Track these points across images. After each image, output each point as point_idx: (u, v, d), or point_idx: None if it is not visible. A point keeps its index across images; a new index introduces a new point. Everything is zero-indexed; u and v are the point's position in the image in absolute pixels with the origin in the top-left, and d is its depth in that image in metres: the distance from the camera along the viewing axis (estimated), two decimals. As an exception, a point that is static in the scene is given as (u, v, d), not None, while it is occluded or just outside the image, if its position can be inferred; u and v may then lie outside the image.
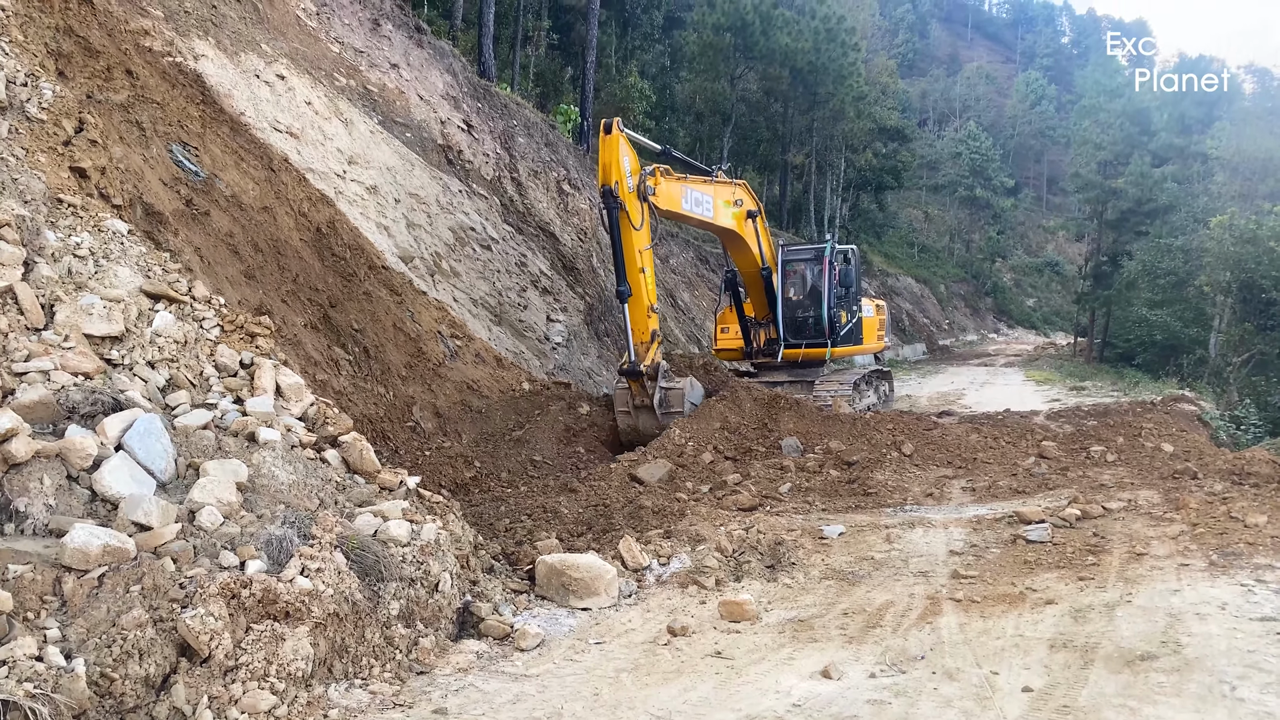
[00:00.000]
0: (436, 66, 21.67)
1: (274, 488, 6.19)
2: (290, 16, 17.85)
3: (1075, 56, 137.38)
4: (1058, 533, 8.56)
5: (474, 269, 18.77)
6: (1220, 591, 6.54)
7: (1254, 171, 41.48)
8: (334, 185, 15.45)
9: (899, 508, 10.33)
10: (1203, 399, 21.98)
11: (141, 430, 5.90)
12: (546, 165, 25.01)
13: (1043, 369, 38.17)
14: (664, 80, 59.52)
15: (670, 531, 8.99)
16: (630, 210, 14.24)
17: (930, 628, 6.25)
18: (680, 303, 32.24)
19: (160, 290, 7.28)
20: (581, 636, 6.37)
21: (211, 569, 5.26)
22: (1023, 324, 77.30)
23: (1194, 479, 10.38)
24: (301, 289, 13.28)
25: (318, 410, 7.30)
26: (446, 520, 6.95)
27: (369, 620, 5.72)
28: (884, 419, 14.82)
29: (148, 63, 13.03)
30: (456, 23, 32.52)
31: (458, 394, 15.23)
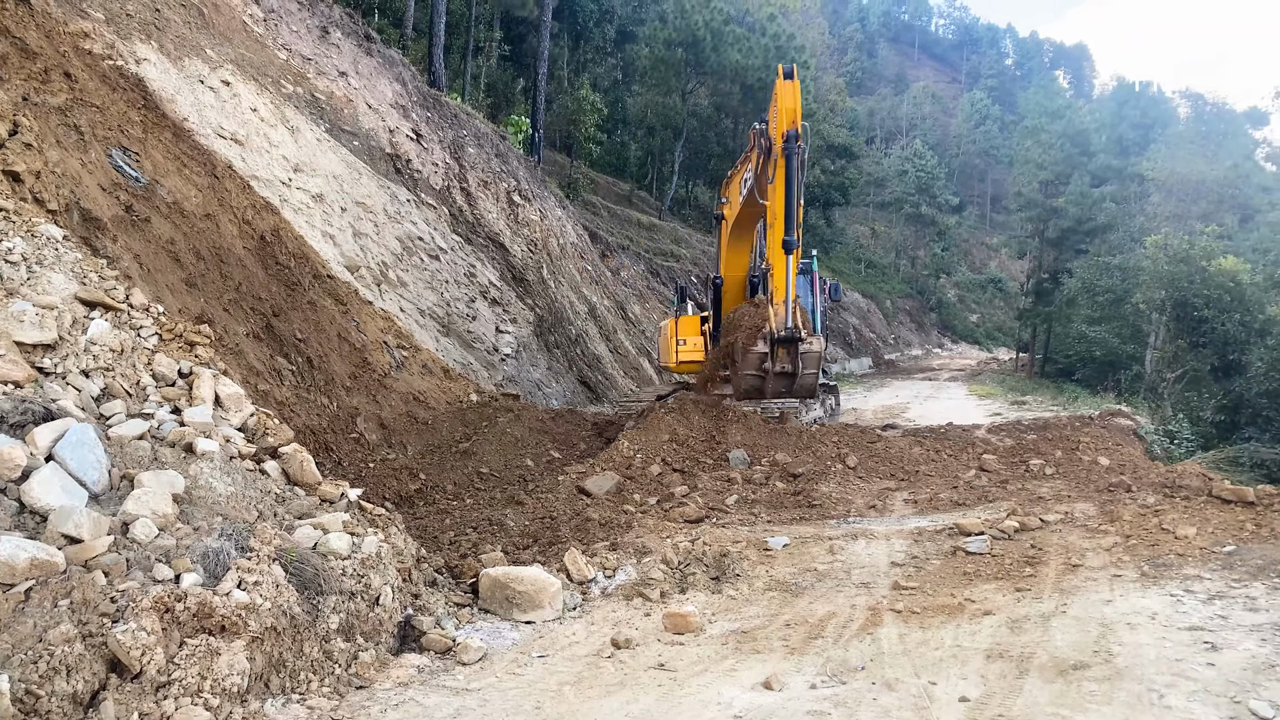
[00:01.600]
0: (386, 75, 21.53)
1: (211, 499, 6.07)
2: (237, 22, 17.62)
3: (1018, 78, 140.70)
4: (996, 544, 8.71)
5: (422, 279, 18.63)
6: (1151, 602, 6.70)
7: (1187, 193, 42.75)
8: (279, 193, 15.26)
9: (843, 519, 10.44)
10: (1138, 414, 22.53)
11: (74, 440, 5.75)
12: (497, 176, 24.94)
13: (985, 383, 38.89)
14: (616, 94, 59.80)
15: (616, 544, 8.99)
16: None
17: (871, 638, 6.32)
18: (631, 315, 32.32)
19: (96, 297, 7.12)
20: (524, 650, 6.33)
21: (145, 582, 5.14)
22: (966, 339, 78.73)
23: (1128, 492, 10.64)
24: (244, 298, 13.08)
25: (258, 421, 7.18)
26: (388, 533, 6.88)
27: (308, 634, 5.63)
28: (830, 432, 14.97)
29: (87, 66, 12.78)
30: (407, 32, 32.37)
31: (403, 405, 15.10)
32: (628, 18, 60.17)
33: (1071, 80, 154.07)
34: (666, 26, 51.89)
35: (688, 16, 50.74)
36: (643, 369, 29.52)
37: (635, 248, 42.15)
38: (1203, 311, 26.63)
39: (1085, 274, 38.79)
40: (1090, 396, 31.41)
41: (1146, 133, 64.29)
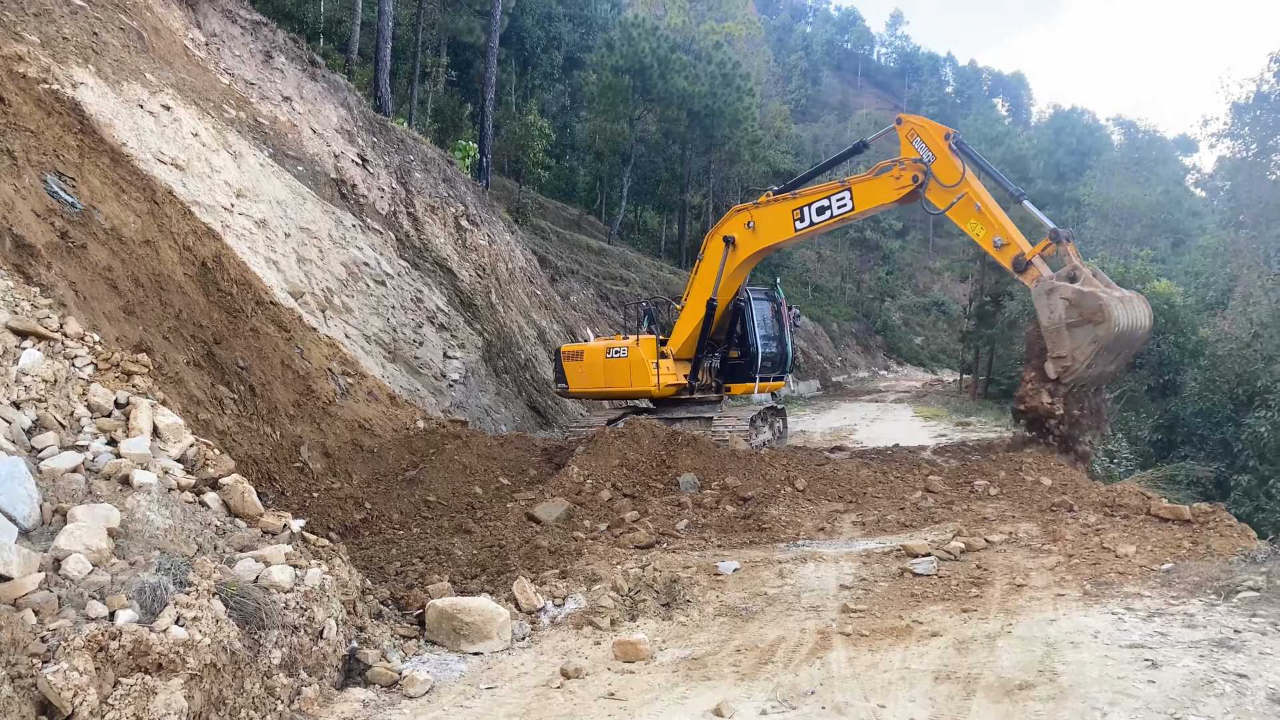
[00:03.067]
0: (331, 100, 21.37)
1: (149, 533, 5.92)
2: (178, 47, 17.39)
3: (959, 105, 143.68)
4: (943, 566, 8.81)
5: (367, 305, 18.44)
6: (1093, 620, 6.81)
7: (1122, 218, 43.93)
8: (221, 218, 15.03)
9: (792, 543, 10.48)
10: (1079, 434, 22.97)
11: (3, 475, 5.57)
12: (444, 201, 24.83)
13: (930, 405, 39.44)
14: (564, 119, 60.03)
15: (566, 571, 8.93)
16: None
17: (821, 663, 6.34)
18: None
19: (28, 327, 6.93)
20: (472, 681, 6.24)
21: (78, 620, 4.98)
22: (911, 361, 79.76)
23: (1070, 511, 10.83)
24: (184, 325, 12.82)
25: (198, 451, 7.02)
26: (332, 565, 6.75)
27: (249, 670, 5.49)
28: (779, 455, 15.06)
29: (21, 89, 12.50)
30: (353, 57, 32.20)
31: (349, 433, 14.88)
32: (575, 44, 60.56)
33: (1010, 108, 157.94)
34: (614, 53, 52.30)
35: (634, 44, 51.21)
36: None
37: (585, 272, 42.19)
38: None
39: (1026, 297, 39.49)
40: (1033, 417, 31.89)
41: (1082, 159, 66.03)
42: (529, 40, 55.24)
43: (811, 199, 17.46)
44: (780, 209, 17.86)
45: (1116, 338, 14.18)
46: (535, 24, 55.61)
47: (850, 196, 17.00)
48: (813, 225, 17.47)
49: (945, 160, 16.04)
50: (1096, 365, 14.53)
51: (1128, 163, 57.90)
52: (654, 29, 54.42)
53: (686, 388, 19.92)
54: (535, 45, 56.31)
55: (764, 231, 18.14)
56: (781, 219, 17.83)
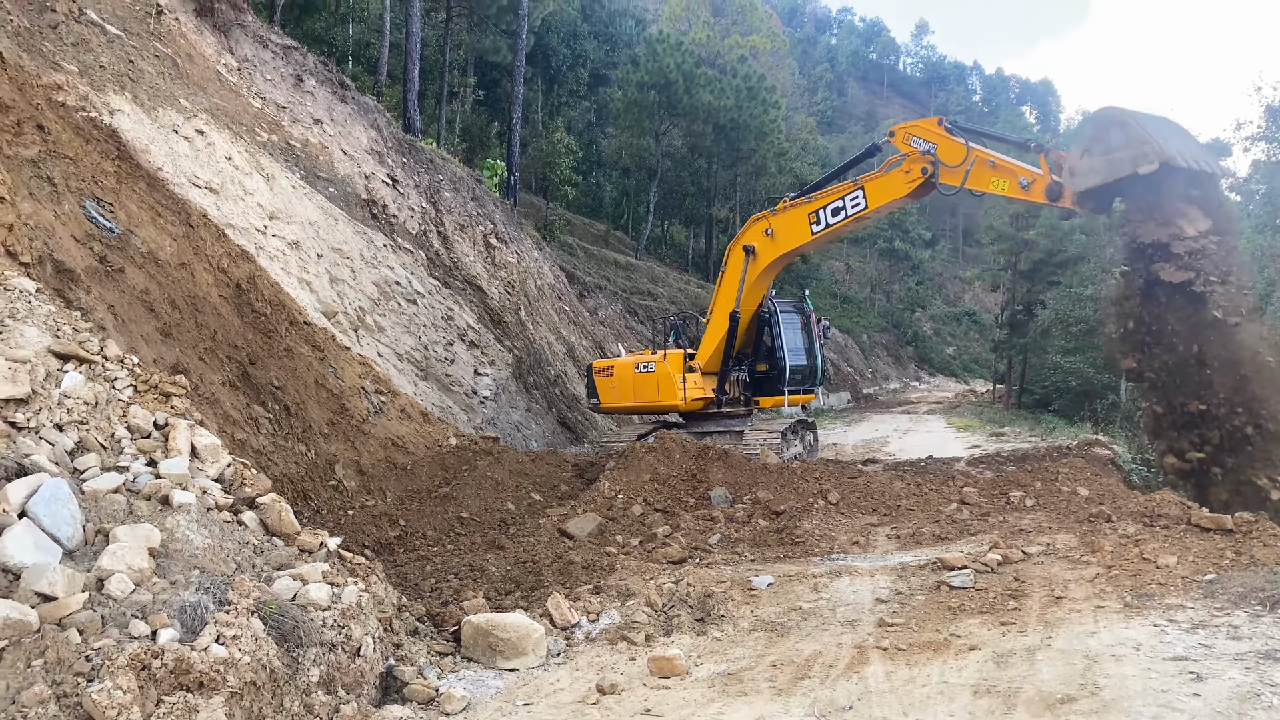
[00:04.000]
0: (361, 122, 21.63)
1: (188, 552, 5.99)
2: (210, 72, 17.69)
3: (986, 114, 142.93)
4: (980, 578, 8.72)
5: (399, 323, 18.60)
6: (1135, 632, 6.71)
7: (1156, 224, 43.28)
8: (254, 241, 15.24)
9: (826, 556, 10.42)
10: (1116, 443, 22.69)
11: (47, 496, 5.67)
12: (473, 219, 25.03)
13: (963, 416, 39.12)
14: (590, 136, 60.37)
15: (600, 587, 8.92)
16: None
17: (858, 677, 6.29)
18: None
19: (70, 350, 7.06)
20: (509, 698, 6.25)
21: (121, 639, 5.05)
22: (943, 372, 79.24)
23: (1108, 522, 10.68)
24: (220, 346, 13.00)
25: (235, 471, 7.11)
26: (369, 582, 6.80)
27: (288, 688, 5.54)
28: (811, 468, 14.98)
29: (60, 118, 12.78)
30: (381, 79, 32.60)
31: (382, 451, 15.00)
32: (600, 61, 60.97)
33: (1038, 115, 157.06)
34: (639, 69, 52.54)
35: (659, 60, 51.42)
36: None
37: (612, 287, 42.31)
38: (1173, 341, 26.86)
39: (1058, 305, 39.25)
40: (1068, 426, 31.61)
41: (1113, 165, 65.28)
42: (555, 58, 55.68)
43: (826, 201, 17.48)
44: (797, 214, 17.89)
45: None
46: (560, 42, 56.08)
47: (863, 195, 16.99)
48: (829, 227, 17.46)
49: (946, 142, 16.06)
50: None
51: (1159, 168, 57.12)
52: (679, 44, 54.64)
53: (714, 402, 19.87)
54: (561, 63, 56.75)
55: (782, 238, 18.16)
56: (798, 223, 17.87)
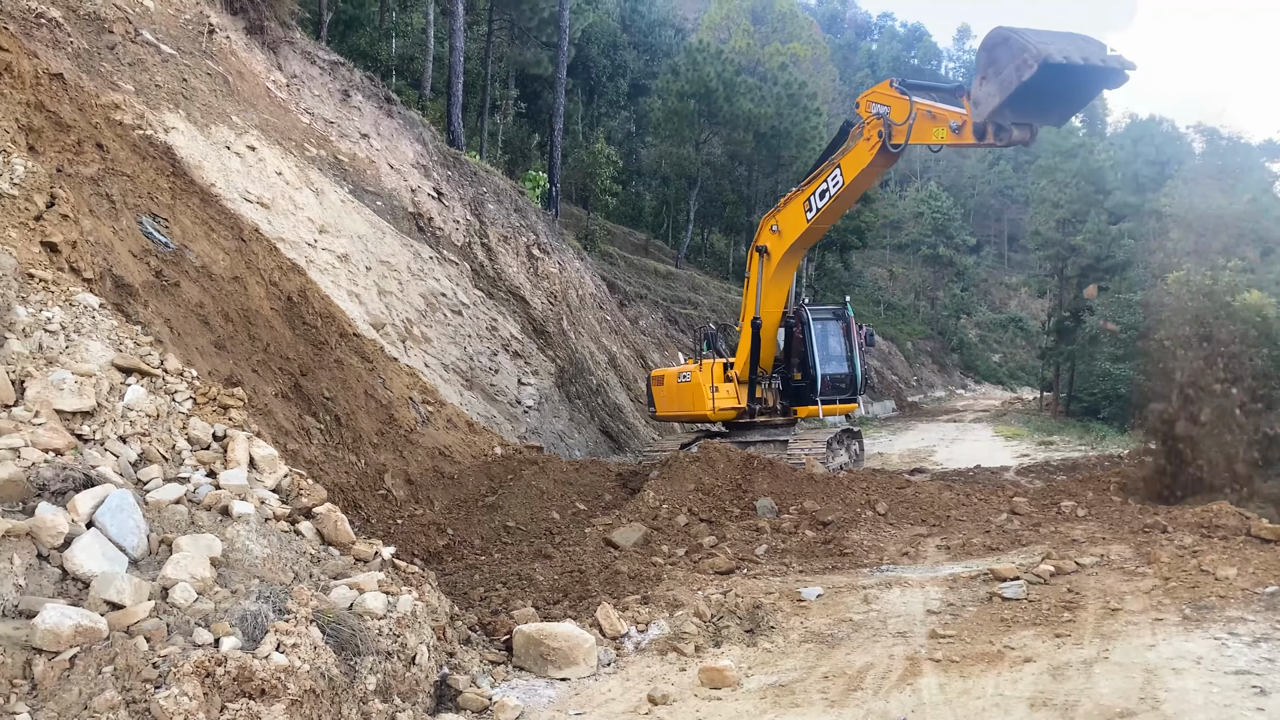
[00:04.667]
0: (406, 136, 21.93)
1: (248, 562, 6.11)
2: (260, 89, 18.04)
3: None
4: (1033, 589, 8.61)
5: (445, 334, 18.81)
6: (1195, 645, 6.60)
7: (1207, 228, 42.54)
8: (305, 254, 15.51)
9: (875, 567, 10.36)
10: (1168, 451, 22.23)
11: (113, 506, 5.82)
12: (516, 230, 25.25)
13: (1011, 424, 38.58)
14: (630, 145, 60.59)
15: (647, 597, 8.95)
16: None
17: (911, 689, 6.25)
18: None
19: (132, 364, 7.24)
20: (561, 708, 6.30)
21: (185, 647, 5.16)
22: (989, 379, 78.24)
23: (1164, 532, 10.50)
24: (272, 358, 13.24)
25: (291, 482, 7.24)
26: (422, 591, 6.89)
27: (345, 696, 5.62)
28: (857, 478, 14.88)
29: (118, 136, 13.10)
30: (425, 92, 33.02)
31: (429, 460, 15.16)
32: (640, 71, 61.19)
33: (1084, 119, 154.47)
34: (679, 79, 52.64)
35: (699, 69, 51.48)
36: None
37: (653, 296, 42.36)
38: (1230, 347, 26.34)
39: (1107, 311, 38.63)
40: (1118, 435, 31.06)
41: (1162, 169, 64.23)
42: (595, 69, 56.00)
43: (815, 186, 17.77)
44: (794, 205, 18.20)
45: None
46: (600, 53, 56.39)
47: (840, 172, 17.11)
48: (819, 211, 17.67)
49: (894, 101, 16.22)
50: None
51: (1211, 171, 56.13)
52: (719, 53, 54.68)
53: (745, 411, 19.80)
54: (601, 74, 57.05)
55: (785, 232, 18.42)
56: (796, 214, 18.15)
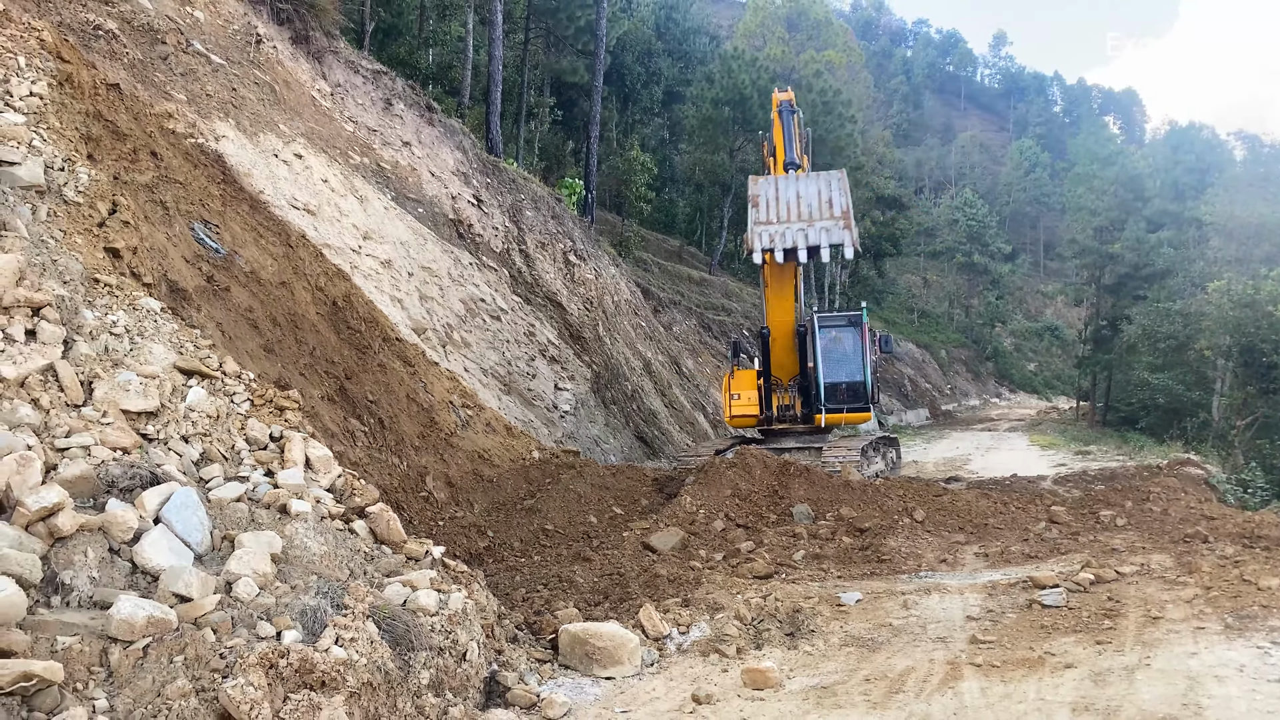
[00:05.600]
0: (447, 144, 22.24)
1: (306, 559, 6.32)
2: (306, 97, 18.40)
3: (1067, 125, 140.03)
4: (1072, 597, 8.64)
5: (484, 339, 19.05)
6: (1237, 654, 6.62)
7: (1248, 236, 42.12)
8: (349, 260, 15.80)
9: (914, 574, 10.41)
10: (1208, 463, 22.08)
11: (179, 503, 6.05)
12: (553, 237, 25.49)
13: (1047, 433, 38.29)
14: (663, 152, 60.79)
15: (688, 600, 9.08)
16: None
17: (952, 693, 6.33)
18: (685, 370, 32.49)
19: (193, 366, 7.49)
20: (607, 705, 6.44)
21: (250, 639, 5.37)
22: (1024, 388, 77.56)
23: (1205, 542, 10.48)
24: (318, 362, 13.50)
25: (345, 482, 7.45)
26: (471, 590, 7.06)
27: (400, 689, 5.80)
28: (894, 485, 14.92)
29: (171, 144, 13.45)
30: (464, 100, 33.39)
31: (469, 463, 15.37)
32: (674, 79, 61.36)
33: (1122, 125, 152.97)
34: (713, 86, 52.77)
35: (734, 76, 51.59)
36: (698, 423, 29.62)
37: (686, 303, 42.48)
38: (1271, 357, 26.11)
39: (1145, 320, 38.29)
40: (1156, 445, 30.79)
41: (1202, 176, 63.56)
42: (629, 76, 56.25)
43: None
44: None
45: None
46: (635, 60, 56.63)
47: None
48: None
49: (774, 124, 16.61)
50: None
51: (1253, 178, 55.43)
52: (753, 60, 54.77)
53: (764, 419, 20.04)
54: (635, 81, 57.29)
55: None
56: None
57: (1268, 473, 21.47)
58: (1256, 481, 20.01)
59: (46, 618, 4.93)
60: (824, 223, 12.75)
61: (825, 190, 12.90)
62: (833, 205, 12.62)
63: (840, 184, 12.60)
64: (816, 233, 12.76)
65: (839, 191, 12.63)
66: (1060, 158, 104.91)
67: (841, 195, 12.63)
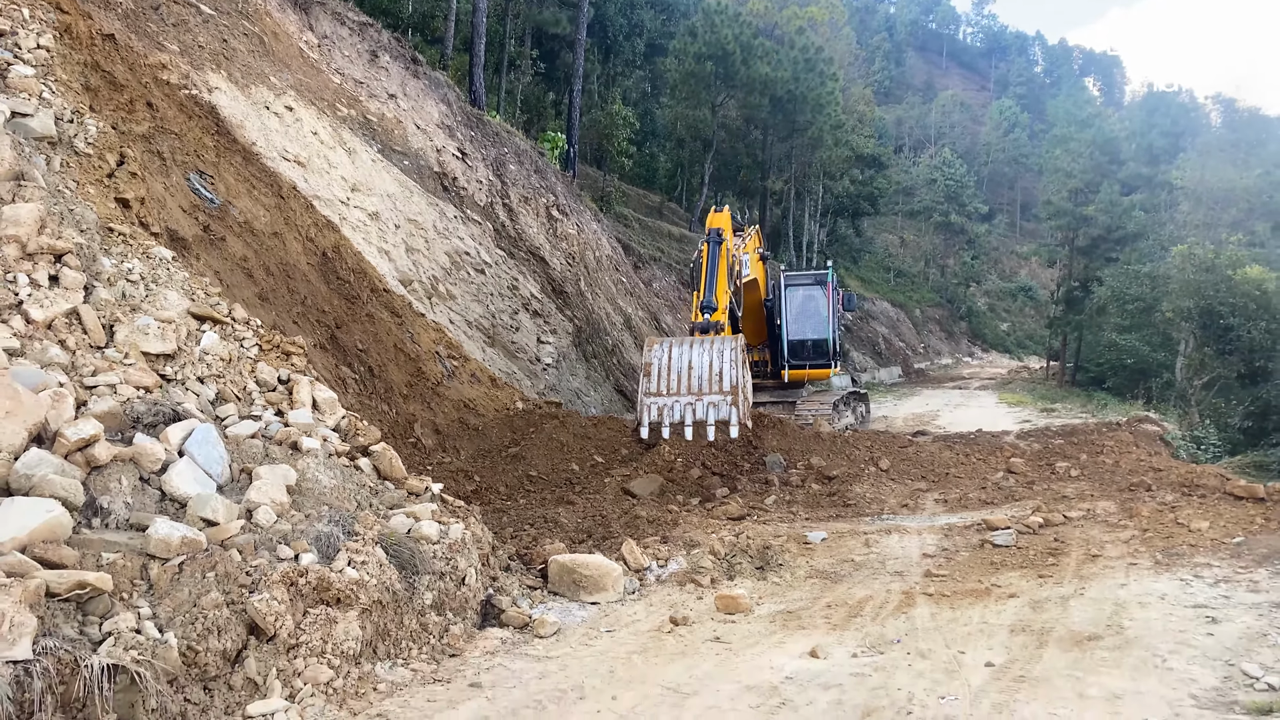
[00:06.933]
0: (432, 96, 22.45)
1: (318, 491, 6.86)
2: (294, 49, 18.58)
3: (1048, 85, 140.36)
4: (1022, 538, 9.35)
5: (469, 292, 19.48)
6: (1162, 585, 7.33)
7: (1217, 201, 42.90)
8: (338, 212, 16.15)
9: (876, 517, 11.11)
10: (1166, 420, 22.97)
11: (200, 438, 6.56)
12: (536, 191, 25.80)
13: (1016, 392, 39.21)
14: (645, 106, 60.66)
15: (666, 537, 9.72)
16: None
17: (905, 617, 7.00)
18: (665, 325, 33.03)
19: (205, 312, 7.96)
20: (593, 626, 7.07)
21: (271, 560, 5.92)
22: (997, 348, 78.70)
23: (1149, 491, 11.23)
24: (310, 311, 13.94)
25: (349, 423, 7.98)
26: (469, 522, 7.65)
27: (406, 608, 6.40)
28: (862, 437, 15.62)
29: (166, 95, 13.71)
30: (448, 51, 33.34)
31: (456, 412, 15.90)
32: (657, 31, 61.06)
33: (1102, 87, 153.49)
34: (696, 41, 52.62)
35: (717, 31, 51.46)
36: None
37: (666, 259, 42.84)
38: (1229, 319, 26.96)
39: (1115, 282, 39.09)
40: (1120, 404, 31.72)
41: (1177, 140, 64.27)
42: (611, 28, 55.95)
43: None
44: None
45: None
46: (618, 12, 56.28)
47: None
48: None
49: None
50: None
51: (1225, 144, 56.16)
52: (736, 15, 54.55)
53: None
54: (618, 33, 56.99)
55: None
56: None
57: (1221, 430, 22.38)
58: (1210, 438, 20.90)
59: (90, 537, 5.47)
60: (712, 397, 13.00)
61: (717, 361, 13.07)
62: (722, 379, 12.81)
63: (733, 354, 12.77)
64: (704, 408, 13.05)
65: (730, 364, 12.78)
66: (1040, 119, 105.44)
67: (732, 368, 12.78)
